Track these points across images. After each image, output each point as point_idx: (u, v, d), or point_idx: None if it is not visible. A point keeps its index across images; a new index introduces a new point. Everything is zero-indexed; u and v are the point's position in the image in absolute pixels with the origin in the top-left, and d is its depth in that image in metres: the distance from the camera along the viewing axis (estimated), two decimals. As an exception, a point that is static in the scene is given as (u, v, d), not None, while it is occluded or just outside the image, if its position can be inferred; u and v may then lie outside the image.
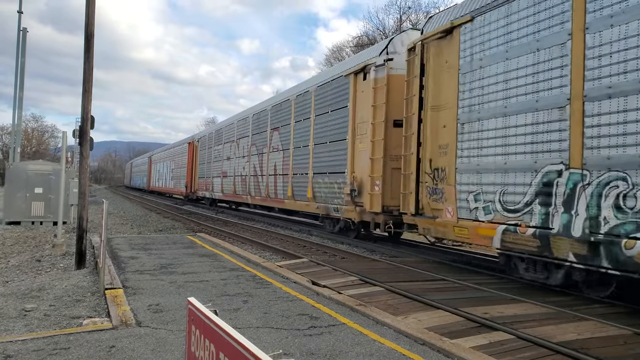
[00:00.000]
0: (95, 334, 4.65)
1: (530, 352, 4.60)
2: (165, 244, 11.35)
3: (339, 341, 4.61)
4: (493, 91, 7.97)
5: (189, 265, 8.46)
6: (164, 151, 46.57)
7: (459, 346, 4.48)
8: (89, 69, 8.70)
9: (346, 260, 9.96)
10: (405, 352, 4.35)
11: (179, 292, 6.47)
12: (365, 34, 40.91)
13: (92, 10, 8.74)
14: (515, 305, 6.29)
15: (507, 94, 7.70)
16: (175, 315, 5.36)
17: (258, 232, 16.09)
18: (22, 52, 21.95)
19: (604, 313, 6.08)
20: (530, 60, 7.31)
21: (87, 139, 8.76)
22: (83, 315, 5.52)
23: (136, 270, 7.91)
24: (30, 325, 5.11)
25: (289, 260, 9.92)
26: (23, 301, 6.13)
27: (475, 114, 8.33)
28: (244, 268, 8.36)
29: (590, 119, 6.34)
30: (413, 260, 10.07)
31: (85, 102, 8.69)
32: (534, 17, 7.31)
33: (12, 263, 9.81)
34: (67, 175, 14.61)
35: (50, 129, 78.98)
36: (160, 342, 4.47)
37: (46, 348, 4.25)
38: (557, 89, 6.85)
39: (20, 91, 21.73)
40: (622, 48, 6.00)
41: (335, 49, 45.70)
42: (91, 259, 9.18)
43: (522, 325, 5.33)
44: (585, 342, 4.87)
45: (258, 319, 5.29)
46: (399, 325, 5.04)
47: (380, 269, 8.75)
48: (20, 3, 22.50)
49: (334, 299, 6.18)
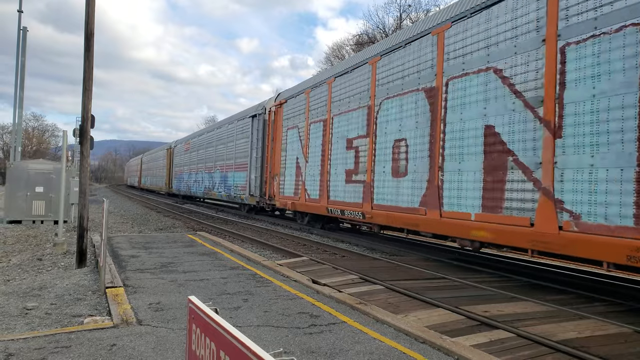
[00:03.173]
0: (96, 333, 4.66)
1: (531, 350, 4.61)
2: (166, 242, 11.37)
3: (339, 339, 4.62)
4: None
5: (190, 264, 8.47)
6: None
7: (459, 344, 4.49)
8: (89, 68, 8.70)
9: (346, 259, 9.97)
10: (406, 351, 4.36)
11: (180, 290, 6.48)
12: (365, 32, 40.89)
13: (92, 10, 8.74)
14: (515, 304, 6.30)
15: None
16: (175, 313, 5.37)
17: (258, 231, 16.10)
18: (23, 52, 21.97)
19: (604, 311, 6.09)
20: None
21: (87, 138, 8.77)
22: (84, 313, 5.53)
23: (137, 268, 7.93)
24: (32, 324, 5.13)
25: (289, 258, 9.93)
26: (24, 300, 6.14)
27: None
28: (244, 266, 8.38)
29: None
30: (413, 259, 10.09)
31: (86, 101, 8.69)
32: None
33: (13, 262, 9.83)
34: (68, 174, 14.64)
35: (51, 128, 79.21)
36: (161, 341, 4.48)
37: (47, 346, 4.26)
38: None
39: (21, 90, 21.75)
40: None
41: (336, 47, 45.72)
42: (92, 258, 9.20)
43: (522, 324, 5.34)
44: (586, 341, 4.87)
45: (258, 318, 5.30)
46: (399, 324, 5.05)
47: (380, 268, 8.76)
48: (20, 2, 22.51)
49: (334, 297, 6.19)
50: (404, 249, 11.61)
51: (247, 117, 22.13)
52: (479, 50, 8.33)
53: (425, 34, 9.86)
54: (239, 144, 23.06)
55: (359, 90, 12.36)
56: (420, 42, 9.99)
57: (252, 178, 20.65)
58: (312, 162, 14.92)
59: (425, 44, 9.83)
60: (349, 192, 12.57)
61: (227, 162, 24.98)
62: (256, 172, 20.11)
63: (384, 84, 11.23)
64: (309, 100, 15.45)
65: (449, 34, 9.10)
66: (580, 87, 6.52)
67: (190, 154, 33.77)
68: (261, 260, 9.03)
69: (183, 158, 36.23)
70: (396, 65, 10.81)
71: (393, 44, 11.06)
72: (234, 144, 23.96)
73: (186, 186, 34.19)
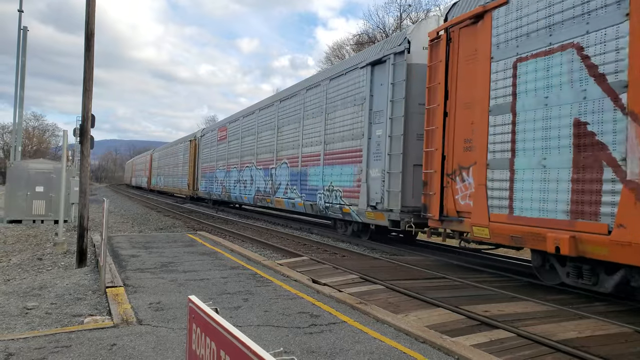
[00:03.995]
0: (97, 332, 4.66)
1: (531, 350, 4.60)
2: (166, 242, 11.36)
3: (340, 339, 4.61)
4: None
5: (190, 264, 8.47)
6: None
7: (459, 344, 4.49)
8: (90, 68, 8.70)
9: (346, 259, 9.97)
10: (406, 350, 4.35)
11: (180, 290, 6.48)
12: (366, 32, 40.90)
13: (93, 10, 8.73)
14: (515, 304, 6.30)
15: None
16: (176, 313, 5.37)
17: (258, 231, 16.11)
18: (23, 51, 21.98)
19: (605, 311, 6.08)
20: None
21: (87, 137, 8.77)
22: (84, 313, 5.53)
23: (137, 268, 7.93)
24: (32, 324, 5.13)
25: (289, 258, 9.93)
26: (24, 299, 6.14)
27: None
28: (245, 266, 8.38)
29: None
30: (413, 259, 10.08)
31: (86, 101, 8.69)
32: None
33: (13, 261, 9.83)
34: (68, 173, 14.64)
35: (51, 127, 79.24)
36: (161, 340, 4.48)
37: (48, 346, 4.26)
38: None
39: (21, 90, 21.75)
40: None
41: (336, 47, 45.74)
42: (92, 257, 9.20)
43: (522, 324, 5.33)
44: (586, 340, 4.87)
45: (259, 317, 5.30)
46: (400, 324, 5.05)
47: (380, 267, 8.76)
48: (20, 2, 22.52)
49: (335, 297, 6.18)
50: (404, 249, 11.60)
51: (358, 66, 12.89)
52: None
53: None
54: (337, 116, 13.99)
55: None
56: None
57: (373, 176, 12.00)
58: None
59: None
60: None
61: (306, 150, 15.87)
62: (391, 164, 11.24)
63: None
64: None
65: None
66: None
67: (229, 144, 24.63)
68: (261, 259, 9.03)
69: (217, 150, 26.82)
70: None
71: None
72: (322, 117, 14.74)
73: (222, 188, 25.19)
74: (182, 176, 35.23)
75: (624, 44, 5.87)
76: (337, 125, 13.98)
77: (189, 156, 33.13)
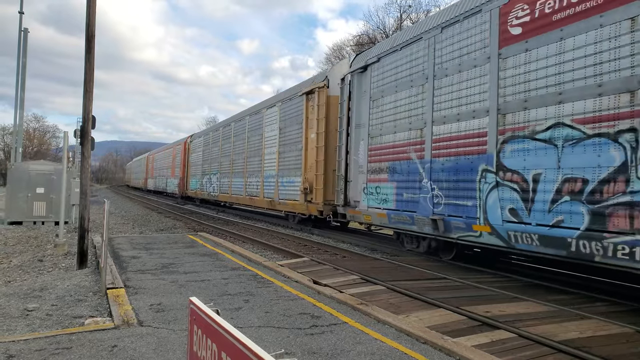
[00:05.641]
0: (97, 334, 4.66)
1: (532, 350, 4.59)
2: (167, 243, 11.36)
3: (341, 340, 4.61)
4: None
5: (191, 265, 8.47)
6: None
7: (460, 345, 4.48)
8: (90, 69, 8.71)
9: (347, 259, 9.96)
10: (407, 351, 4.35)
11: (181, 291, 6.48)
12: (366, 33, 40.88)
13: (93, 12, 8.74)
14: (516, 304, 6.29)
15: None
16: (177, 314, 5.36)
17: (259, 231, 16.10)
18: (24, 53, 22.00)
19: (606, 311, 6.08)
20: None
21: (88, 139, 8.77)
22: (85, 314, 5.53)
23: (138, 269, 7.93)
24: (33, 325, 5.12)
25: (290, 259, 9.92)
26: (25, 301, 6.14)
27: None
28: (245, 267, 8.37)
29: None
30: (414, 259, 10.07)
31: (87, 102, 8.69)
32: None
33: (14, 263, 9.83)
34: (69, 175, 14.64)
35: (52, 129, 79.31)
36: (162, 342, 4.48)
37: (48, 348, 4.26)
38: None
39: (22, 91, 21.76)
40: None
41: (336, 48, 45.68)
42: (93, 259, 9.20)
43: (523, 324, 5.33)
44: (587, 341, 4.86)
45: (259, 319, 5.29)
46: (401, 324, 5.04)
47: (381, 268, 8.76)
48: (21, 3, 22.55)
49: (335, 298, 6.18)
50: (404, 249, 11.59)
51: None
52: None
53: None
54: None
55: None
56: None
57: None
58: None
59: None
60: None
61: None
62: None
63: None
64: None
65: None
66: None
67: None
68: (262, 260, 9.03)
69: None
70: None
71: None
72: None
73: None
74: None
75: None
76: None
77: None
